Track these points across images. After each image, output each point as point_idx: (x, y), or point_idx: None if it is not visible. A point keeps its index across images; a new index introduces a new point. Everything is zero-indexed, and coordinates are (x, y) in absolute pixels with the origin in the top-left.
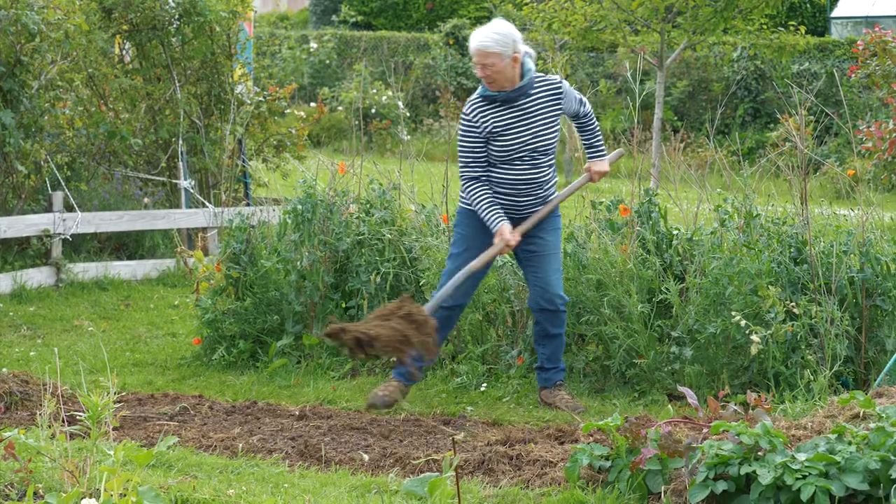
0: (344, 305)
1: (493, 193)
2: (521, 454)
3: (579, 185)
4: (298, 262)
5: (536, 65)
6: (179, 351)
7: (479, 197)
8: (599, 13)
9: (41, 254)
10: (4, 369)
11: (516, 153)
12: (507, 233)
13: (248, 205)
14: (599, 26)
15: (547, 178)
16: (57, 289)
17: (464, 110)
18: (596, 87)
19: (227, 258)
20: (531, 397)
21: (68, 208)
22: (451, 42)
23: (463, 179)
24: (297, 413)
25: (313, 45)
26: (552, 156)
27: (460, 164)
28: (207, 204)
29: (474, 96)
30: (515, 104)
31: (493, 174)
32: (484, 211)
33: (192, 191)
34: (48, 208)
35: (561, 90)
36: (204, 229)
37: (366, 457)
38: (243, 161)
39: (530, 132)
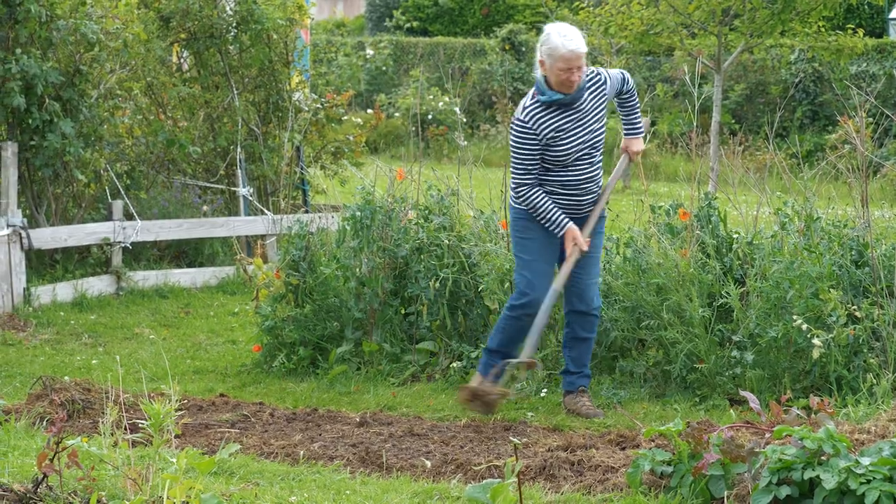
0: (403, 312)
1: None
2: (583, 460)
3: (622, 170)
4: (358, 269)
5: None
6: (239, 358)
7: (540, 202)
8: (656, 17)
9: (101, 262)
10: (66, 377)
11: (575, 154)
12: (579, 237)
13: (306, 212)
14: (656, 30)
15: (596, 174)
16: (117, 297)
17: (518, 117)
18: (653, 90)
19: (286, 265)
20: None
21: (128, 217)
22: (507, 47)
23: (520, 186)
24: (357, 420)
25: (369, 51)
26: (601, 152)
27: (517, 171)
28: (266, 211)
29: (529, 102)
30: (573, 107)
31: (549, 178)
32: (549, 215)
33: (250, 198)
34: (108, 217)
35: (603, 81)
36: (263, 237)
37: (428, 463)
38: (301, 168)
39: (587, 131)
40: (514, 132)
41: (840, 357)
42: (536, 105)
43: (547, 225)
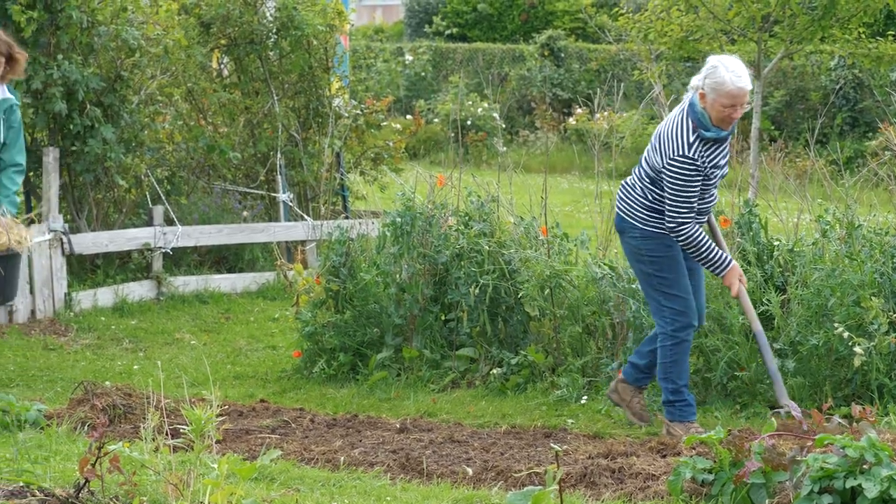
0: (443, 318)
1: None
2: (623, 467)
3: None
4: (398, 275)
5: (632, 75)
6: (280, 364)
7: (704, 240)
8: (696, 23)
9: (142, 267)
10: (107, 382)
11: (715, 186)
12: (742, 274)
13: (346, 217)
14: (696, 36)
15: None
16: (158, 302)
17: (685, 154)
18: None
19: (326, 271)
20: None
21: (168, 222)
22: (546, 53)
23: (683, 224)
24: (397, 426)
25: (408, 57)
26: None
27: (681, 208)
28: (306, 217)
29: (691, 138)
30: (725, 141)
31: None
32: (711, 255)
33: (290, 204)
34: (149, 222)
35: None
36: (303, 242)
37: (469, 471)
38: (341, 174)
39: (727, 164)
40: (682, 169)
41: (882, 365)
42: (698, 140)
43: (708, 263)
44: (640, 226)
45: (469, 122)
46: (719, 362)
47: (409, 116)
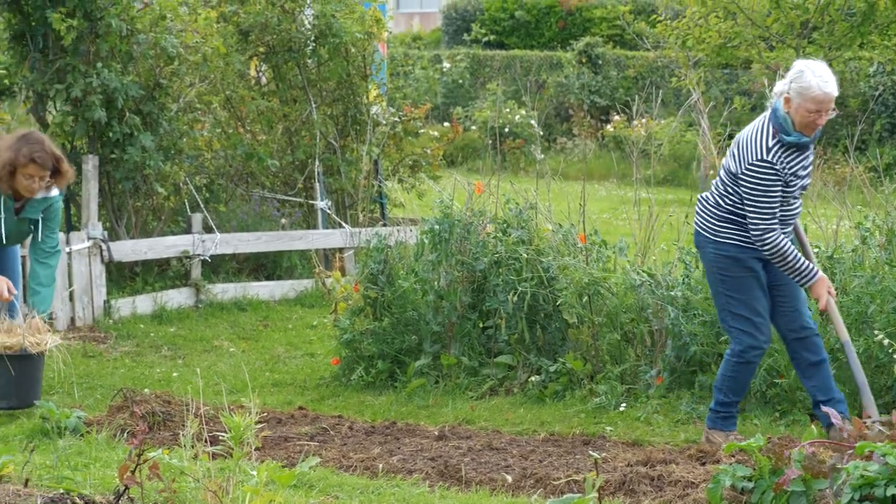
0: (481, 325)
1: None
2: (663, 475)
3: None
4: (436, 282)
5: (670, 82)
6: (318, 371)
7: (790, 249)
8: (734, 30)
9: (181, 275)
10: (147, 390)
11: (797, 194)
12: (831, 285)
13: (384, 225)
14: (734, 43)
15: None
16: (196, 309)
17: (764, 157)
18: (730, 103)
19: (364, 278)
20: (671, 417)
21: (207, 230)
22: (583, 60)
23: (767, 231)
24: (436, 433)
25: (446, 64)
26: None
27: (763, 215)
28: (344, 224)
29: (771, 142)
30: (808, 148)
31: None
32: (798, 264)
33: (328, 211)
34: (187, 230)
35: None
36: (341, 250)
37: (509, 478)
38: (379, 181)
39: (809, 173)
40: (760, 173)
41: None
42: (778, 145)
43: (794, 274)
44: (713, 238)
45: (507, 130)
46: (759, 370)
47: (446, 124)
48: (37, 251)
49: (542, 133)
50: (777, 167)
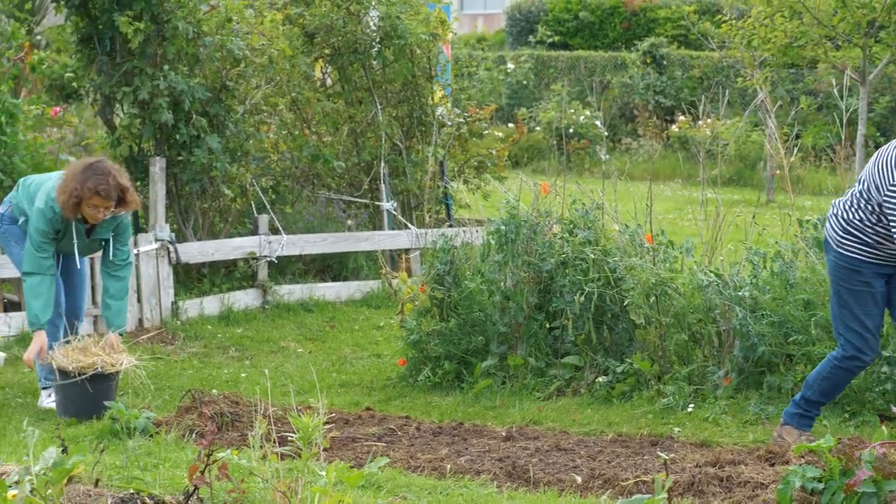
0: (548, 326)
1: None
2: (732, 476)
3: None
4: (502, 283)
5: (735, 82)
6: (385, 372)
7: None
8: (800, 29)
9: (248, 276)
10: (215, 390)
11: None
12: None
13: (450, 226)
14: (800, 42)
15: None
16: (263, 310)
17: None
18: (796, 103)
19: (431, 279)
20: (739, 418)
21: (273, 231)
22: (648, 61)
23: None
24: (503, 434)
25: (510, 65)
26: None
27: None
28: (410, 225)
29: None
30: None
31: None
32: None
33: (394, 212)
34: (254, 231)
35: None
36: (407, 251)
37: (578, 479)
38: (445, 182)
39: None
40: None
41: None
42: None
43: None
44: (835, 247)
45: (571, 130)
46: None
47: (510, 125)
48: (108, 265)
49: (606, 133)
50: None
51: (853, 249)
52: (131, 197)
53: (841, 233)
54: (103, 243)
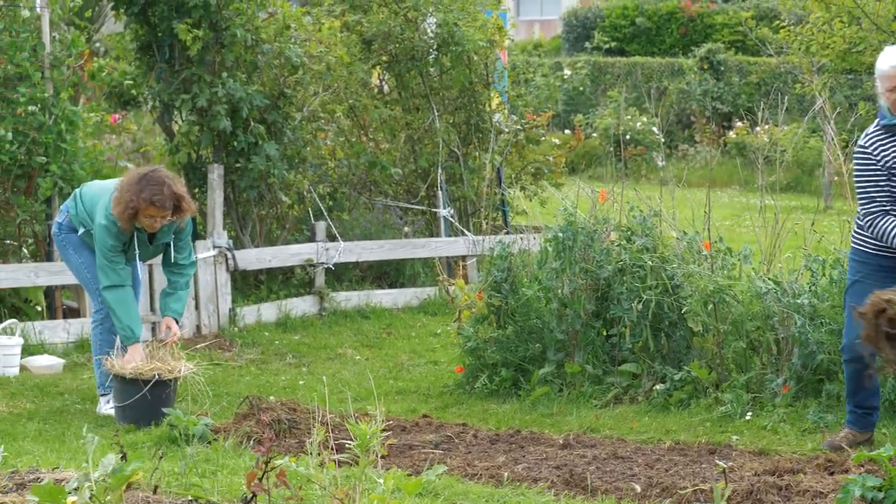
0: (605, 333)
1: None
2: (790, 485)
3: None
4: (560, 290)
5: (793, 88)
6: (442, 379)
7: (890, 228)
8: (859, 35)
9: (305, 283)
10: (272, 397)
11: None
12: None
13: (507, 233)
14: (859, 48)
15: None
16: (320, 317)
17: (860, 143)
18: (855, 109)
19: (488, 286)
20: (798, 426)
21: (331, 238)
22: (705, 67)
23: (867, 215)
24: (560, 441)
25: (567, 72)
26: None
27: (861, 200)
28: (467, 232)
29: (872, 128)
30: None
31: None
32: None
33: (451, 219)
34: (311, 238)
35: None
36: (464, 257)
37: (637, 487)
38: (502, 189)
39: None
40: (855, 159)
41: None
42: (879, 130)
43: None
44: (851, 243)
45: (628, 137)
46: (887, 379)
47: (567, 131)
48: (170, 266)
49: (663, 140)
50: (869, 150)
51: (857, 243)
52: (187, 205)
53: (856, 226)
54: (164, 247)
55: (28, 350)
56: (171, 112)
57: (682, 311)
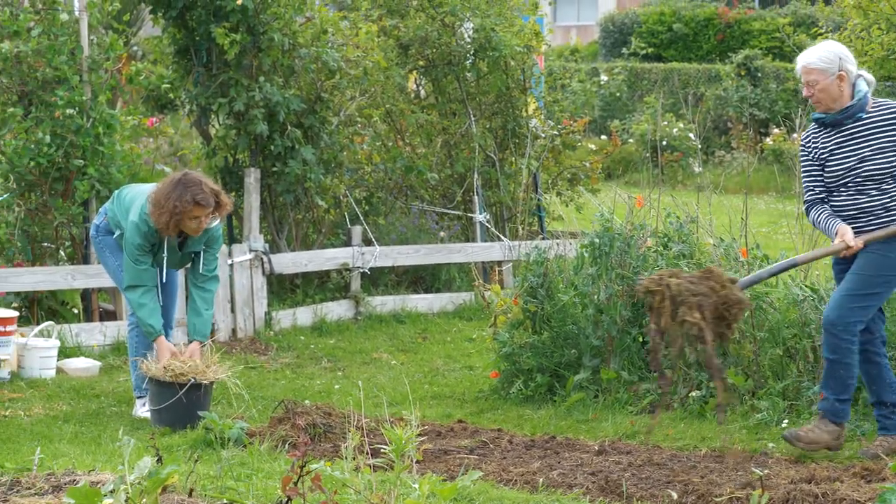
0: (641, 340)
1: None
2: (827, 493)
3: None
4: (596, 296)
5: None
6: (477, 384)
7: (817, 216)
8: None
9: (340, 287)
10: (307, 401)
11: (842, 179)
12: (848, 234)
13: (543, 238)
14: None
15: (881, 208)
16: (356, 322)
17: (801, 138)
18: None
19: (524, 292)
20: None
21: (366, 242)
22: (742, 73)
23: (804, 203)
24: (596, 448)
25: (603, 77)
26: (891, 190)
27: (804, 188)
28: (503, 237)
29: (809, 124)
30: (843, 128)
31: (830, 200)
32: (823, 223)
33: (487, 224)
34: (347, 242)
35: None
36: (499, 263)
37: (674, 494)
38: (538, 194)
39: (857, 157)
40: (799, 153)
41: None
42: (812, 122)
43: (826, 232)
44: None
45: (664, 143)
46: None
47: (603, 136)
48: (196, 276)
49: (700, 146)
50: (804, 142)
51: None
52: (224, 199)
53: None
54: (193, 256)
55: (64, 352)
56: (209, 116)
57: None
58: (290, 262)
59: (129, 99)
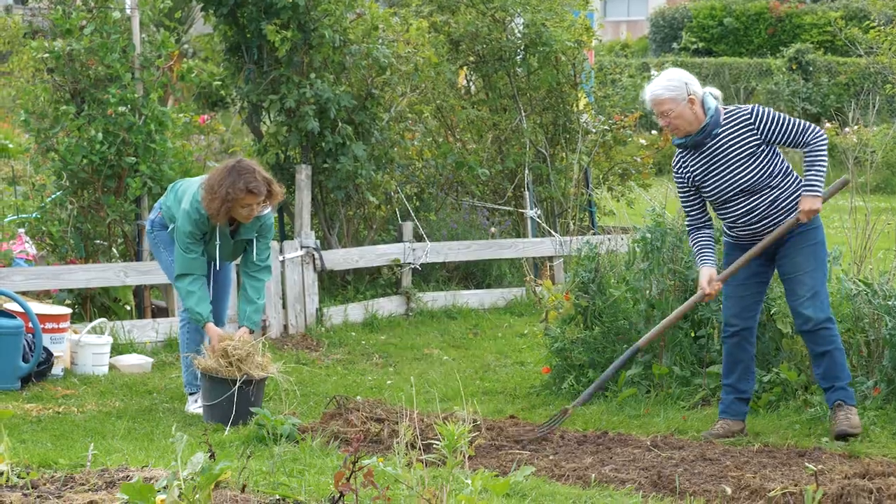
0: (693, 335)
1: (709, 237)
2: (882, 488)
3: (786, 228)
4: (647, 291)
5: (883, 88)
6: (528, 380)
7: (693, 246)
8: None
9: (391, 283)
10: (359, 397)
11: (724, 195)
12: (703, 282)
13: (594, 233)
14: None
15: (773, 209)
16: (407, 318)
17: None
18: None
19: (575, 287)
20: (889, 429)
21: (417, 238)
22: (794, 67)
23: (686, 225)
24: (648, 443)
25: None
26: (776, 188)
27: (684, 214)
28: (554, 233)
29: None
30: (705, 148)
31: (718, 212)
32: (696, 257)
33: (538, 220)
34: (398, 238)
35: (749, 119)
36: (550, 258)
37: (728, 490)
38: (589, 190)
39: (728, 172)
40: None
41: None
42: (678, 149)
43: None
44: None
45: None
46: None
47: (654, 132)
48: (248, 265)
49: None
50: (675, 168)
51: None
52: (276, 188)
53: None
54: (246, 245)
55: (117, 349)
56: (260, 113)
57: (771, 313)
58: (342, 258)
59: (180, 96)
